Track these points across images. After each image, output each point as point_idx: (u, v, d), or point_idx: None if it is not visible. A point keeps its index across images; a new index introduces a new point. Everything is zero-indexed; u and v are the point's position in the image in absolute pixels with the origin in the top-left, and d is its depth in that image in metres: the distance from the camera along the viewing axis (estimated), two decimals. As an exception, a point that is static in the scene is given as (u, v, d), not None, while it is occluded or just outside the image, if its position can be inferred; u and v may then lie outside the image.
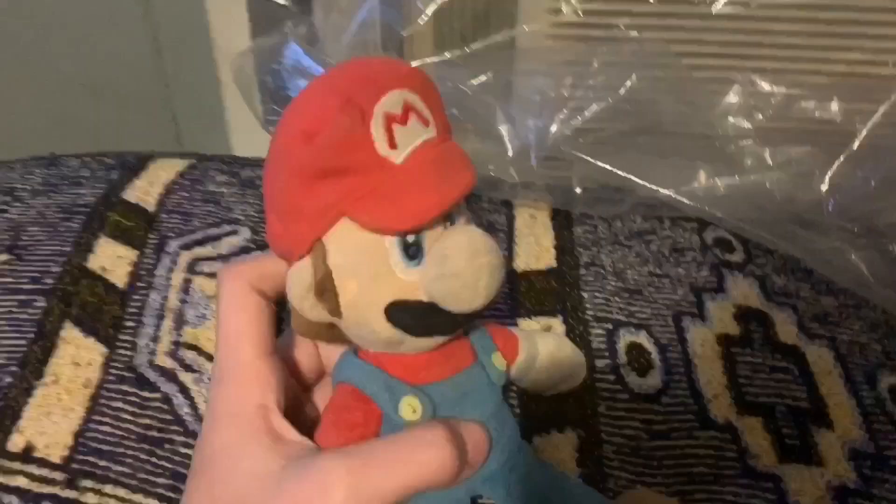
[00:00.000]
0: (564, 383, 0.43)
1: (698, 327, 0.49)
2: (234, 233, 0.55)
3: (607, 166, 0.53)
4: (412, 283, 0.29)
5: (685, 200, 0.52)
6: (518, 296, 0.51)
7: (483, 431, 0.32)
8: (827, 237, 0.53)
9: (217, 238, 0.54)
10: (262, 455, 0.28)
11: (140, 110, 0.87)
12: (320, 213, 0.28)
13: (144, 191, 0.58)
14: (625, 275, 0.53)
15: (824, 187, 0.53)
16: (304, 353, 0.35)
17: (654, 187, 0.53)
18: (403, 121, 0.28)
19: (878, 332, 0.50)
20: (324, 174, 0.27)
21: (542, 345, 0.39)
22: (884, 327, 0.50)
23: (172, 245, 0.53)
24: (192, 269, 0.51)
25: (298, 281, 0.29)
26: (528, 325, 0.49)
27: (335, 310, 0.30)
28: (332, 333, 0.32)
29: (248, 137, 0.86)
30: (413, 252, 0.29)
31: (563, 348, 0.41)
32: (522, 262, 0.54)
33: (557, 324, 0.49)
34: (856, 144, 0.53)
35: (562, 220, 0.58)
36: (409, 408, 0.31)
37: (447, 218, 0.30)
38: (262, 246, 0.53)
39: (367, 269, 0.29)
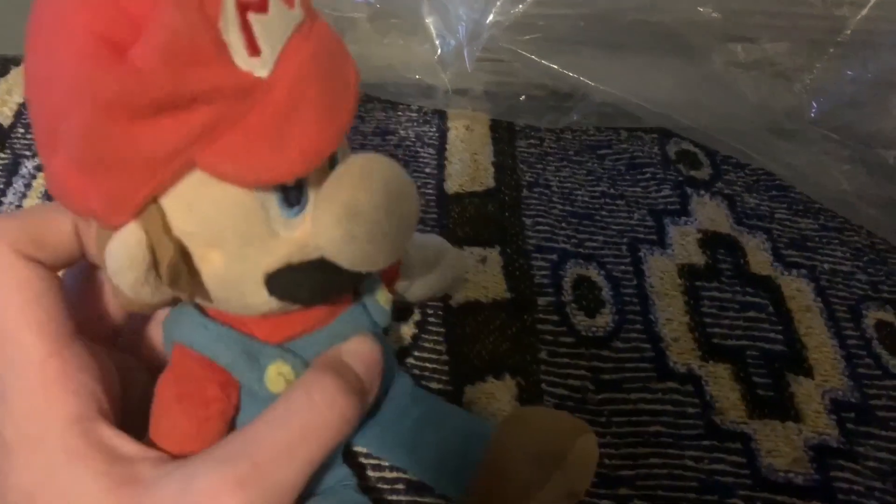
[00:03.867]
0: (441, 287, 0.37)
1: (657, 257, 0.43)
2: (106, 151, 0.45)
3: (554, 66, 0.45)
4: (298, 240, 0.21)
5: (645, 105, 0.45)
6: (448, 222, 0.43)
7: (369, 344, 0.26)
8: (807, 148, 0.47)
9: (85, 158, 0.45)
10: (99, 486, 0.21)
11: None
12: (157, 165, 0.18)
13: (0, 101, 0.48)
14: (574, 196, 0.46)
15: (805, 90, 0.46)
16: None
17: (610, 90, 0.45)
18: (263, 6, 0.18)
19: (863, 258, 0.44)
20: (156, 108, 0.17)
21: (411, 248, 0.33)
22: (869, 253, 0.44)
23: (28, 166, 0.44)
24: (49, 195, 0.42)
25: (128, 261, 0.19)
26: (459, 257, 0.42)
27: (192, 292, 0.22)
28: (173, 300, 0.23)
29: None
30: (294, 197, 0.21)
31: (428, 244, 0.35)
32: (455, 183, 0.46)
33: (494, 255, 0.42)
34: (843, 38, 0.45)
35: (503, 133, 0.51)
36: (280, 377, 0.24)
37: None
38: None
39: (234, 235, 0.20)
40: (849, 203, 0.45)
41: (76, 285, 0.26)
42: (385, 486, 0.32)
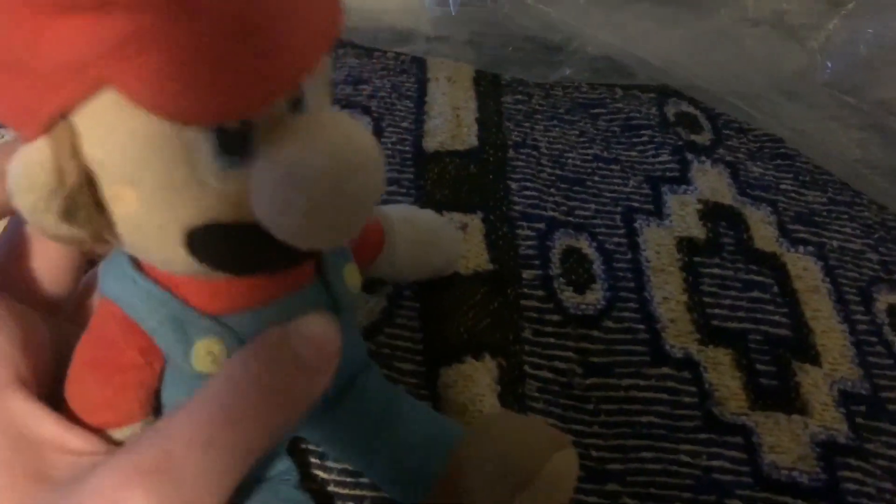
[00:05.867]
0: (432, 270, 0.35)
1: (654, 229, 0.40)
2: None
3: (545, 7, 0.41)
4: (231, 195, 0.18)
5: (645, 59, 0.41)
6: (426, 185, 0.40)
7: (323, 324, 0.22)
8: (817, 113, 0.44)
9: None
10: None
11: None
12: (65, 74, 0.15)
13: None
14: (564, 159, 0.43)
15: (818, 49, 0.44)
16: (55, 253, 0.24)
17: (606, 42, 0.42)
18: None
19: (874, 236, 0.41)
20: (65, 6, 0.14)
21: (396, 219, 0.31)
22: (881, 230, 0.41)
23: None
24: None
25: (27, 181, 0.17)
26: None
27: (99, 232, 0.18)
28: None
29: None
30: (235, 144, 0.17)
31: (418, 219, 0.33)
32: (434, 141, 0.42)
33: (476, 222, 0.38)
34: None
35: (487, 86, 0.47)
36: (208, 356, 0.21)
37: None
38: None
39: (151, 174, 0.17)
40: (860, 174, 0.42)
41: (13, 247, 0.24)
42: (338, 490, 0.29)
